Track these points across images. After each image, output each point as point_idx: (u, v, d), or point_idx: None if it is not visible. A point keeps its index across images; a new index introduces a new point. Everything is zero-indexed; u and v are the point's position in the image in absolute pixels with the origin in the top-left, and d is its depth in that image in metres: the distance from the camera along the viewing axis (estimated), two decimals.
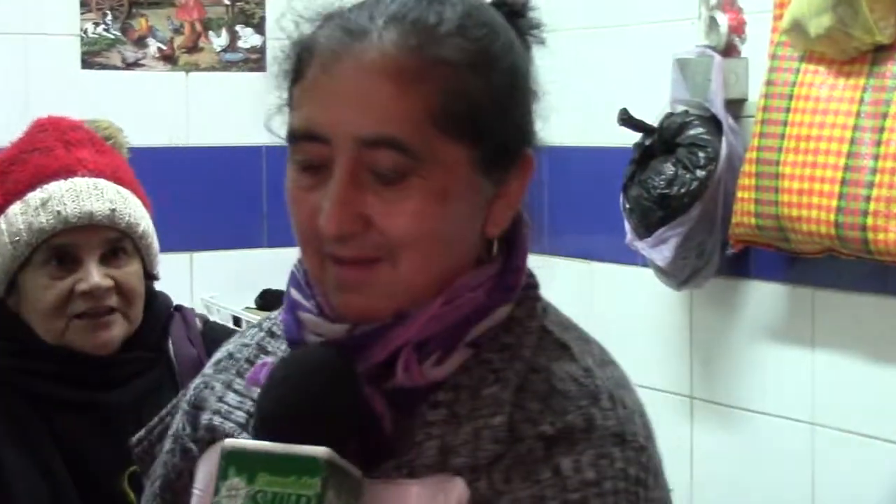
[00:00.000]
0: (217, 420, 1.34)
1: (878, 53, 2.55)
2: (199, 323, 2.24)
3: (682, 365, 3.12)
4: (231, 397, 1.36)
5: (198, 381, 1.43)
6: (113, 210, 2.08)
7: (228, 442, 1.22)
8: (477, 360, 1.26)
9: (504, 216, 1.28)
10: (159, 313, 2.19)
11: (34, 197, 2.08)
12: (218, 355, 1.44)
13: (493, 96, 1.25)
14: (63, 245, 2.07)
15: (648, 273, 3.00)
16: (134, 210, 2.12)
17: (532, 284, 1.32)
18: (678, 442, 3.11)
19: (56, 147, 2.13)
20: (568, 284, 3.28)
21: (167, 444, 1.43)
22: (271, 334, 1.41)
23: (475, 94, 1.24)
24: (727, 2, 2.95)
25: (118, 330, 2.09)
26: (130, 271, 2.11)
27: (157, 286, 2.23)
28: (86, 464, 2.07)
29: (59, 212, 2.06)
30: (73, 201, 2.07)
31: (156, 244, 2.18)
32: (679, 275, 2.93)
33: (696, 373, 3.10)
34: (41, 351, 2.09)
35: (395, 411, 1.25)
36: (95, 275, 2.06)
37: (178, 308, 2.24)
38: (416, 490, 1.21)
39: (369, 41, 1.22)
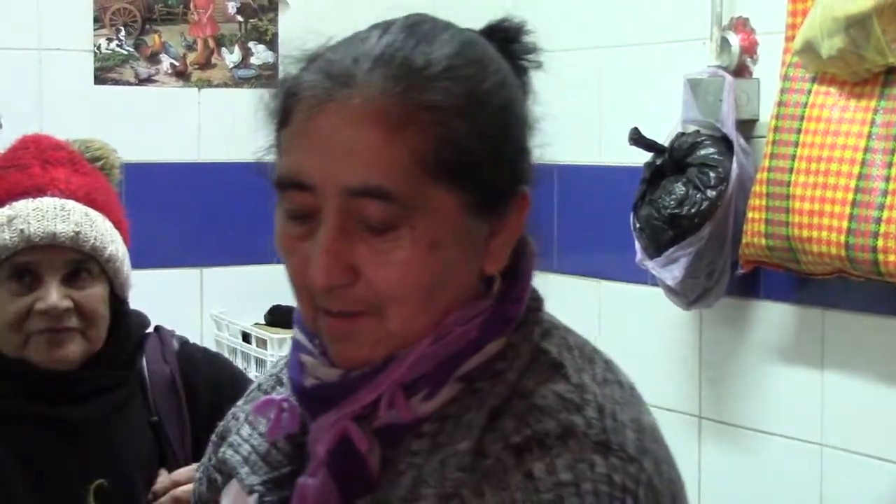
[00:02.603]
0: (229, 453, 1.34)
1: (889, 75, 2.54)
2: (175, 344, 2.26)
3: (690, 384, 3.12)
4: (244, 430, 1.35)
5: (230, 411, 1.42)
6: (77, 232, 2.09)
7: None
8: (468, 389, 1.23)
9: (502, 253, 1.25)
10: (130, 333, 2.20)
11: (1, 214, 2.09)
12: (252, 386, 1.44)
13: (484, 139, 1.21)
14: (25, 263, 2.09)
15: (658, 292, 3.00)
16: (101, 233, 2.12)
17: (534, 308, 1.29)
18: (686, 461, 3.11)
19: (33, 165, 2.14)
20: (577, 303, 3.28)
21: (198, 472, 1.43)
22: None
23: (465, 139, 1.19)
24: (739, 22, 2.96)
25: (75, 347, 2.10)
26: (92, 293, 2.12)
27: (167, 302, 2.25)
28: (52, 478, 2.08)
29: (22, 230, 2.07)
30: (38, 221, 2.08)
31: (125, 268, 2.17)
32: (689, 294, 2.93)
33: (705, 392, 3.10)
34: (4, 368, 2.10)
35: (385, 447, 1.23)
36: (54, 295, 2.07)
37: (157, 329, 2.27)
38: None
39: (354, 86, 1.19)
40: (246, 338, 3.51)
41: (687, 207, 2.85)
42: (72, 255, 2.09)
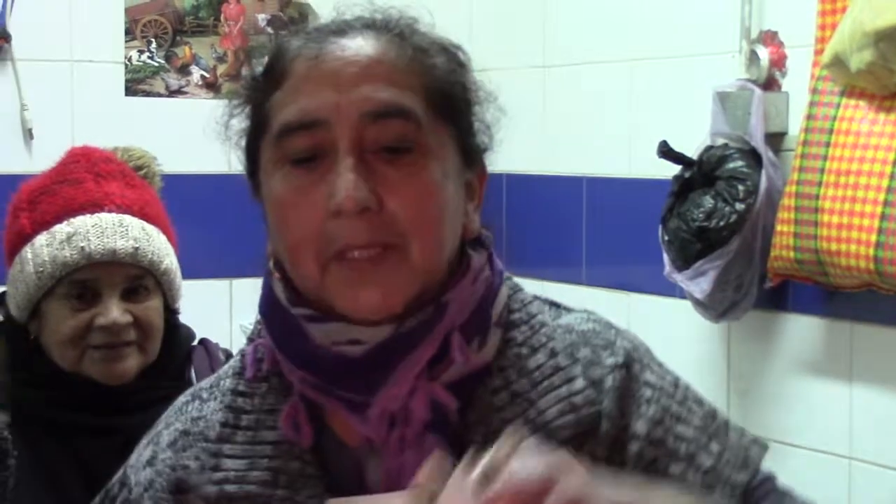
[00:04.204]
0: (231, 487, 1.29)
1: None
2: (222, 356, 2.27)
3: (719, 397, 3.12)
4: (232, 463, 1.30)
5: (154, 470, 1.37)
6: (136, 248, 2.11)
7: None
8: (503, 339, 1.30)
9: (476, 218, 1.32)
10: (181, 345, 2.22)
11: (61, 230, 2.10)
12: (168, 440, 1.38)
13: (469, 92, 1.31)
14: (85, 280, 2.10)
15: (686, 305, 3.00)
16: (158, 248, 2.15)
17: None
18: None
19: (86, 180, 2.15)
20: (606, 315, 3.28)
21: None
22: (200, 399, 1.39)
23: (457, 85, 1.30)
24: (768, 36, 2.96)
25: (132, 362, 2.12)
26: (150, 307, 2.14)
27: (197, 313, 2.27)
28: None
29: (83, 248, 2.08)
30: (98, 237, 2.10)
31: (178, 280, 2.20)
32: (717, 307, 2.93)
33: (734, 405, 3.09)
34: (61, 380, 2.12)
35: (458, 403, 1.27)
36: (115, 311, 2.09)
37: (203, 341, 2.29)
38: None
39: (355, 35, 1.27)
40: None
41: (715, 220, 2.85)
42: (130, 270, 2.11)
